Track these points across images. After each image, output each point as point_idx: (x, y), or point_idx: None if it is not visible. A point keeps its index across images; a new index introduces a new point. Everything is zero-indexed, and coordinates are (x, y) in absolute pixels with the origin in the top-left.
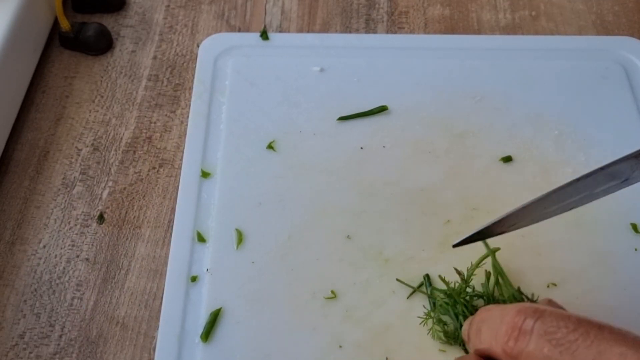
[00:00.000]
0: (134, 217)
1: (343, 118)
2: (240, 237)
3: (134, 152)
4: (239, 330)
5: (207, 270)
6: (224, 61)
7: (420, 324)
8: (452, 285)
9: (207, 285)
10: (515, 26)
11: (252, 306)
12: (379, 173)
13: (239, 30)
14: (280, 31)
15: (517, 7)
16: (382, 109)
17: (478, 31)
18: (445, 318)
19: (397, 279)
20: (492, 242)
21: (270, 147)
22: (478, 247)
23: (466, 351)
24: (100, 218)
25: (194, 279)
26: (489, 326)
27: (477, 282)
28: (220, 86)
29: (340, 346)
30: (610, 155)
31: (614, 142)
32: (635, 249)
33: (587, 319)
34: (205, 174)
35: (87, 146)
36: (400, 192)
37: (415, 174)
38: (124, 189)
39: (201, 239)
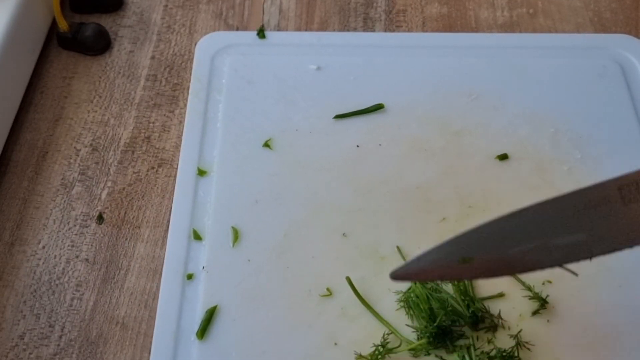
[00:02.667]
0: (133, 217)
1: (339, 116)
2: (236, 235)
3: (133, 152)
4: (234, 327)
5: (203, 268)
6: (221, 59)
7: (398, 304)
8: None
9: (203, 283)
10: (513, 24)
11: (248, 304)
12: (375, 171)
13: (237, 30)
14: (278, 30)
15: (515, 4)
16: (378, 107)
17: (476, 29)
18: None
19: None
20: None
21: (266, 145)
22: None
23: (429, 344)
24: (100, 218)
25: (190, 276)
26: None
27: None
28: (217, 84)
29: (335, 343)
30: (606, 153)
31: (610, 140)
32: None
33: None
34: (201, 172)
35: (86, 146)
36: (396, 190)
37: (411, 172)
38: (123, 189)
39: (197, 236)
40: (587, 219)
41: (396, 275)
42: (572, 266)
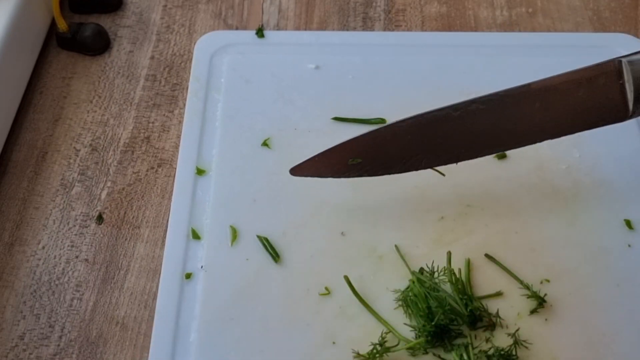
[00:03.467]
0: (133, 217)
1: (338, 119)
2: (234, 234)
3: (132, 152)
4: (233, 326)
5: (202, 267)
6: (219, 58)
7: (397, 303)
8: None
9: (201, 282)
10: (512, 23)
11: (246, 302)
12: None
13: (236, 29)
14: (278, 30)
15: (514, 4)
16: (380, 121)
17: (475, 29)
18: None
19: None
20: (487, 237)
21: (265, 144)
22: (472, 244)
23: (427, 343)
24: (99, 218)
25: (188, 275)
26: None
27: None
28: (216, 83)
29: (333, 342)
30: (605, 152)
31: (607, 138)
32: (629, 245)
33: None
34: (200, 171)
35: (86, 147)
36: (394, 189)
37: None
38: (123, 189)
39: (196, 236)
40: (440, 132)
41: (294, 172)
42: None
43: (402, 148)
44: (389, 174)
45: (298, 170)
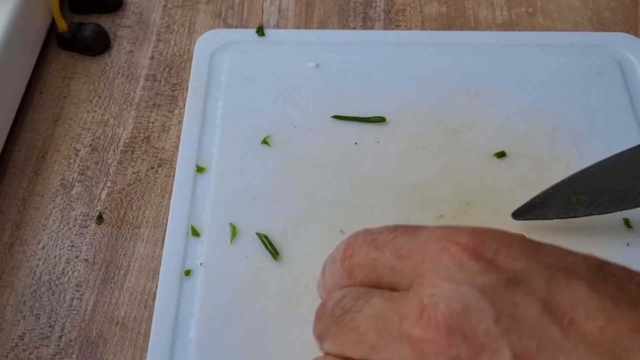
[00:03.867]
0: (133, 217)
1: (338, 117)
2: (234, 231)
3: (132, 152)
4: (232, 323)
5: (201, 264)
6: (220, 57)
7: None
8: None
9: (200, 279)
10: (512, 23)
11: (246, 300)
12: (373, 168)
13: (236, 29)
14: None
15: (514, 4)
16: (380, 119)
17: (475, 28)
18: None
19: None
20: None
21: (265, 142)
22: None
23: None
24: (99, 218)
25: (187, 272)
26: (332, 260)
27: None
28: (216, 82)
29: None
30: (604, 151)
31: (607, 138)
32: (628, 244)
33: (407, 225)
34: (200, 169)
35: (86, 147)
36: (393, 187)
37: (408, 169)
38: (123, 189)
39: (195, 233)
40: None
41: (515, 216)
42: None
43: (631, 180)
44: (620, 210)
45: (519, 215)
